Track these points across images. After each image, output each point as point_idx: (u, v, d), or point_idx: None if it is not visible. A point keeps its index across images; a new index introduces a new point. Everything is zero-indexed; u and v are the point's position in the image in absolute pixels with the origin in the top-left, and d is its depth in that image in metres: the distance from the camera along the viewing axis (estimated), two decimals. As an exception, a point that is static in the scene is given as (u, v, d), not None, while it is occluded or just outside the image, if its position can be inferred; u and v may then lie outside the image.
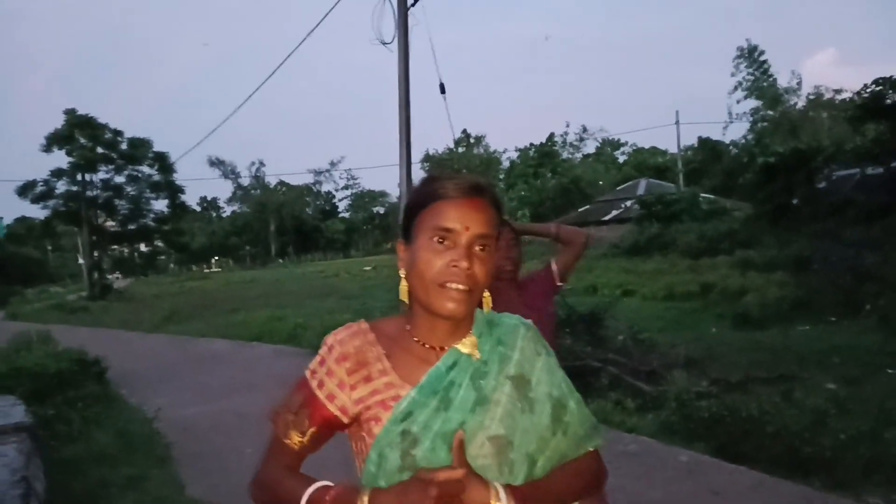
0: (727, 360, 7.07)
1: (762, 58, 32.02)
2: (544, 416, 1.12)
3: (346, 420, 1.12)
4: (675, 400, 5.20)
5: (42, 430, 5.64)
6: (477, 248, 1.08)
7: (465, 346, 1.12)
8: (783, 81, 32.20)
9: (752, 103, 32.31)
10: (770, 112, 31.28)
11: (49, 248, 58.48)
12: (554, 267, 2.63)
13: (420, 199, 1.11)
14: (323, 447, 1.17)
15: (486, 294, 1.13)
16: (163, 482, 4.59)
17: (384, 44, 9.83)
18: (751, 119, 32.27)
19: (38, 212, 32.64)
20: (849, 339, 8.11)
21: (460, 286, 1.05)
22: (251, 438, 5.64)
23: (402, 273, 1.13)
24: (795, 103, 31.83)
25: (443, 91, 9.99)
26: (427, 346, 1.14)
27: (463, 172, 1.21)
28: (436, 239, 1.07)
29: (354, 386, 1.11)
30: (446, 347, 1.13)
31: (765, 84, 31.69)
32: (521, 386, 1.12)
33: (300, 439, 1.12)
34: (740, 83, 32.52)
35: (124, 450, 5.34)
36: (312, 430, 1.12)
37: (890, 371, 6.51)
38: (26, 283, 43.42)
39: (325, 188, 64.58)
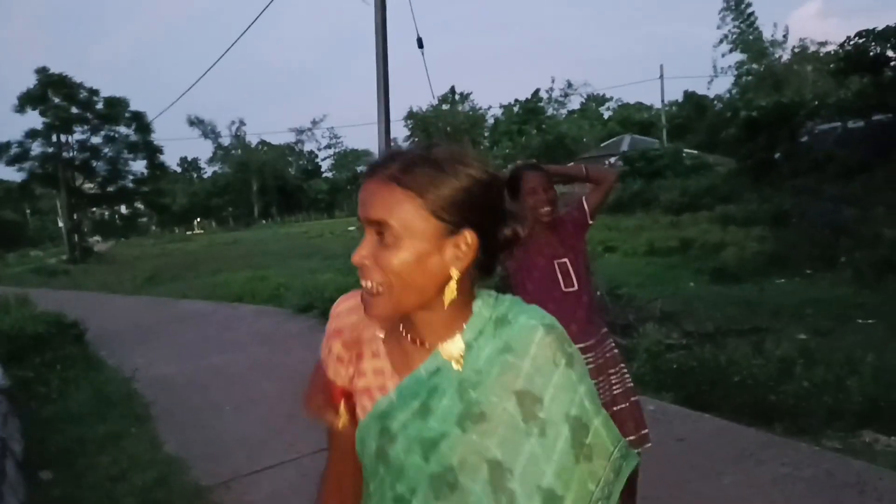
0: (702, 313, 7.17)
1: (749, 10, 31.73)
2: (560, 440, 0.92)
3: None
4: (645, 352, 5.28)
5: (20, 391, 5.65)
6: (373, 236, 0.92)
7: (447, 351, 0.97)
8: (769, 34, 31.97)
9: (738, 57, 32.13)
10: (755, 66, 31.14)
11: (28, 211, 57.63)
12: (586, 205, 2.69)
13: None
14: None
15: (451, 285, 0.94)
16: (140, 439, 4.61)
17: (360, -3, 9.61)
18: (736, 73, 32.12)
19: (13, 174, 32.07)
20: (823, 292, 8.25)
21: (363, 284, 0.93)
22: (230, 395, 5.71)
23: None
24: (780, 56, 31.67)
25: (420, 46, 9.83)
26: (412, 339, 1.00)
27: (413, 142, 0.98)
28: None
29: (350, 361, 1.05)
30: (431, 346, 0.99)
31: (750, 37, 31.48)
32: (528, 403, 0.93)
33: (337, 418, 1.06)
34: (726, 36, 32.30)
35: (102, 409, 5.34)
36: (342, 404, 1.05)
37: (860, 321, 6.65)
38: (6, 247, 42.91)
39: (307, 147, 63.76)
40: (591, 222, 2.70)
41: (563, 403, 0.94)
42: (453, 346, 0.97)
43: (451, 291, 0.94)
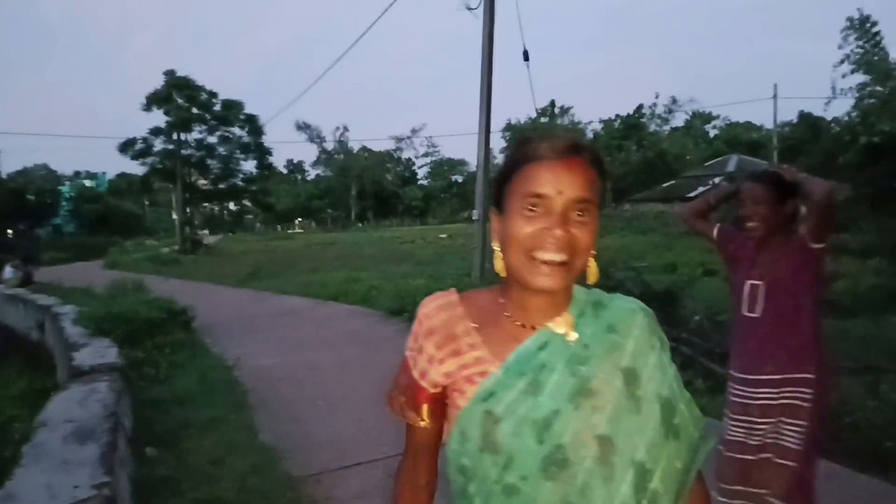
0: (810, 347, 6.74)
1: (874, 29, 29.66)
2: (652, 418, 0.99)
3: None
4: (748, 384, 5.02)
5: (132, 371, 6.05)
6: (575, 213, 0.96)
7: (558, 325, 1.02)
8: (896, 55, 29.73)
9: (860, 78, 29.94)
10: (879, 88, 28.99)
11: (146, 203, 61.78)
12: (802, 227, 2.38)
13: (511, 164, 1.01)
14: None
15: (592, 264, 1.01)
16: (238, 426, 4.81)
17: (470, 9, 9.74)
18: (856, 95, 30.00)
19: (137, 168, 34.53)
20: (948, 334, 7.58)
21: (554, 256, 0.95)
22: (323, 391, 5.88)
23: (495, 246, 1.04)
24: (908, 78, 29.39)
25: (526, 58, 9.83)
26: (519, 323, 1.04)
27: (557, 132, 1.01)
28: (528, 206, 0.96)
29: (443, 360, 1.05)
30: (537, 326, 1.03)
31: (875, 57, 29.33)
32: (630, 381, 1.00)
33: (419, 419, 1.09)
34: (848, 56, 30.14)
35: (205, 394, 5.64)
36: (425, 406, 1.08)
37: None
38: (125, 235, 46.25)
39: (405, 155, 65.27)
40: (814, 246, 2.33)
41: (656, 383, 1.02)
42: (563, 320, 1.02)
43: (593, 270, 1.02)
